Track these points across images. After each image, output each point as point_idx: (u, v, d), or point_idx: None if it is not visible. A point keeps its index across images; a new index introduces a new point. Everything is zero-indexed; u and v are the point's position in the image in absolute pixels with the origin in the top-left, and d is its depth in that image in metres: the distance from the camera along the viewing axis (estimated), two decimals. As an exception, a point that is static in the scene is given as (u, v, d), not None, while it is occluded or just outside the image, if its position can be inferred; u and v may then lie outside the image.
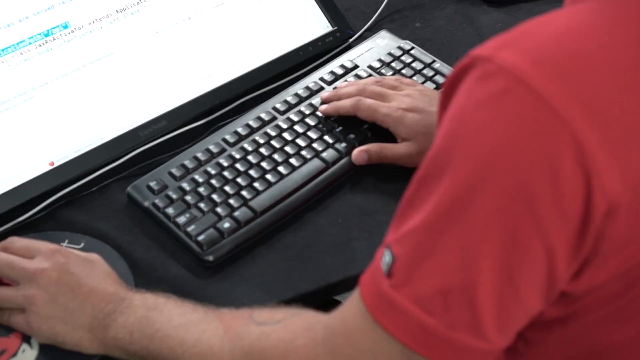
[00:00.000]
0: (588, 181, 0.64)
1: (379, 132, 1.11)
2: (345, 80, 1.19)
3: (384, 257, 0.72)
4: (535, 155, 0.64)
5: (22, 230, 1.03)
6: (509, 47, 0.68)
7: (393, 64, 1.22)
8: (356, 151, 1.08)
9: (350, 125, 1.12)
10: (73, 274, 0.88)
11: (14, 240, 0.94)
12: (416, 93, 1.10)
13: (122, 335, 0.86)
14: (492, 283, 0.67)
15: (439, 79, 1.20)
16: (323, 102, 1.14)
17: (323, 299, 1.13)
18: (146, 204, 1.03)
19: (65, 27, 1.14)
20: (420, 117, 1.06)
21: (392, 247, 0.71)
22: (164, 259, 1.00)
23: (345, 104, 1.11)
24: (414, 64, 1.22)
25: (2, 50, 1.09)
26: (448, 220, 0.68)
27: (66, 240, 1.01)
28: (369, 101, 1.09)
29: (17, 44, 1.10)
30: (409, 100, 1.09)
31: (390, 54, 1.24)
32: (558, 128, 0.64)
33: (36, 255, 0.91)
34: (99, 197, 1.08)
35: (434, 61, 1.23)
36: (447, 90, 0.72)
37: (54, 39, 1.13)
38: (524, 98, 0.65)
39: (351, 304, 0.75)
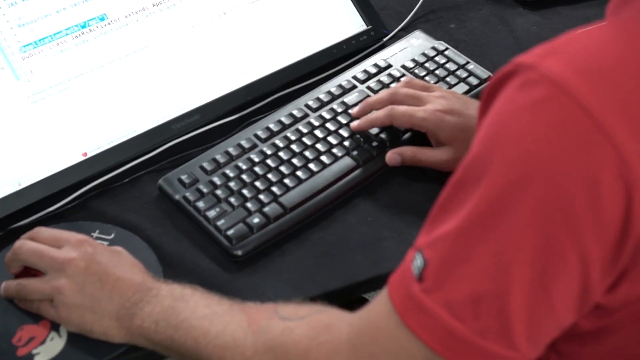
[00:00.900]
0: (629, 194, 0.64)
1: (410, 131, 1.11)
2: (379, 80, 1.18)
3: (415, 261, 0.71)
4: (576, 166, 0.64)
5: (54, 219, 1.04)
6: (553, 56, 0.67)
7: (427, 65, 1.22)
8: (390, 153, 1.07)
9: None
10: (100, 263, 0.89)
11: (41, 230, 0.95)
12: (449, 95, 1.09)
13: (147, 324, 0.87)
14: (524, 292, 0.66)
15: (473, 80, 1.19)
16: (354, 118, 1.12)
17: (350, 297, 1.14)
18: (177, 196, 1.04)
19: (102, 19, 1.14)
20: (459, 120, 1.04)
21: (424, 251, 0.71)
22: (193, 252, 1.00)
23: (378, 115, 1.08)
24: (447, 65, 1.21)
25: (40, 40, 1.10)
26: (483, 227, 0.67)
27: (97, 231, 1.02)
28: (403, 108, 1.07)
29: (54, 34, 1.11)
30: (444, 101, 1.06)
31: (424, 54, 1.23)
32: (600, 140, 0.63)
33: (64, 245, 0.91)
34: (130, 188, 1.08)
35: (467, 62, 1.22)
36: (488, 96, 0.72)
37: (90, 30, 1.14)
38: (566, 107, 0.64)
39: (379, 304, 0.75)
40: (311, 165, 1.06)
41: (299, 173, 1.05)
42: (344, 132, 1.11)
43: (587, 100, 0.64)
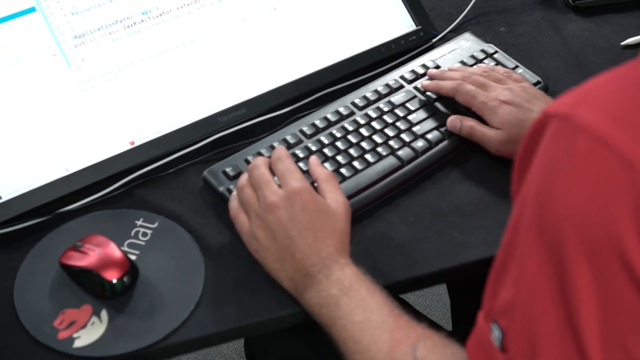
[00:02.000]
0: None
1: (455, 135, 1.11)
2: (437, 69, 1.19)
3: (493, 332, 0.71)
4: (629, 217, 0.61)
5: (99, 205, 1.05)
6: (586, 104, 0.64)
7: (475, 67, 1.21)
8: (452, 117, 1.11)
9: (428, 125, 1.12)
10: (300, 222, 0.92)
11: (281, 159, 0.98)
12: (518, 89, 1.10)
13: (313, 303, 0.91)
14: (601, 350, 0.64)
15: (522, 84, 1.18)
16: (429, 78, 1.18)
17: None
18: (221, 189, 1.05)
19: (154, 10, 1.16)
20: (515, 110, 1.07)
21: (499, 321, 0.70)
22: (235, 244, 1.01)
23: (446, 84, 1.13)
24: (496, 68, 1.21)
25: (92, 29, 1.12)
26: (547, 291, 0.66)
27: (141, 219, 1.03)
28: (469, 87, 1.11)
29: (107, 24, 1.13)
30: (508, 93, 1.09)
31: (473, 56, 1.23)
32: None
33: (284, 187, 0.95)
34: (175, 179, 1.09)
35: (517, 66, 1.21)
36: (526, 149, 0.70)
37: (142, 20, 1.15)
38: (608, 160, 0.61)
39: None
40: (355, 163, 1.07)
41: (343, 170, 1.06)
42: (389, 132, 1.11)
43: (628, 150, 0.61)
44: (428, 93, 1.15)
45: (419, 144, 1.09)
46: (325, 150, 1.08)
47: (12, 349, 0.90)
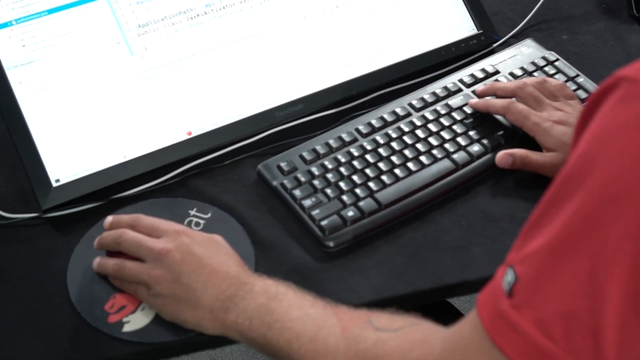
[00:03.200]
0: None
1: (513, 140, 1.10)
2: (485, 85, 1.18)
3: (506, 276, 0.70)
4: None
5: (155, 193, 1.06)
6: None
7: (535, 74, 1.20)
8: (501, 153, 1.07)
9: (484, 130, 1.11)
10: (196, 254, 0.90)
11: (141, 218, 0.95)
12: (569, 109, 1.09)
13: (242, 320, 0.87)
14: (619, 310, 0.65)
15: (581, 94, 1.17)
16: (477, 95, 1.16)
17: (436, 300, 1.14)
18: (275, 183, 1.05)
19: (217, 3, 1.17)
20: (568, 130, 1.05)
21: (516, 267, 0.69)
22: (286, 238, 1.02)
23: (496, 103, 1.12)
24: (557, 76, 1.20)
25: (156, 19, 1.13)
26: (577, 242, 0.66)
27: (194, 209, 1.04)
28: (521, 106, 1.09)
29: (171, 14, 1.14)
30: (560, 114, 1.08)
31: (533, 63, 1.22)
32: None
33: (162, 235, 0.92)
34: (230, 171, 1.10)
35: (577, 75, 1.20)
36: (587, 111, 0.70)
37: (205, 12, 1.16)
38: None
39: (470, 320, 0.74)
40: (410, 164, 1.07)
41: (397, 171, 1.06)
42: (445, 135, 1.10)
43: None
44: (486, 97, 1.15)
45: (475, 148, 1.09)
46: (380, 150, 1.08)
47: (63, 329, 0.92)
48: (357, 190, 1.03)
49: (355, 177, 1.05)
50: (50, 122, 1.06)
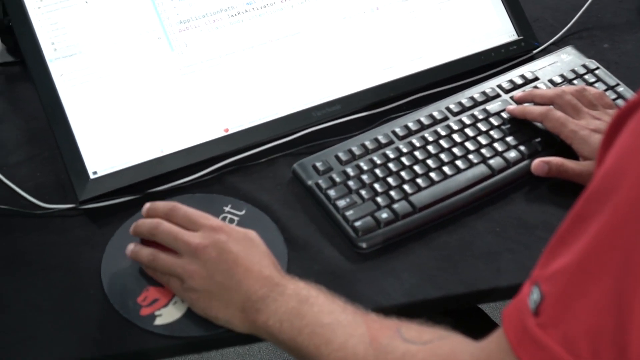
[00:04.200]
0: None
1: (550, 147, 1.10)
2: (523, 91, 1.17)
3: (532, 295, 0.69)
4: None
5: (190, 188, 1.07)
6: None
7: (575, 82, 1.20)
8: (537, 161, 1.06)
9: (522, 136, 1.11)
10: (232, 252, 0.90)
11: (178, 207, 0.95)
12: (608, 118, 1.08)
13: (272, 322, 0.87)
14: None
15: (621, 103, 1.16)
16: (515, 102, 1.15)
17: (467, 305, 1.14)
18: (309, 182, 1.06)
19: (259, 1, 1.17)
20: None
21: (541, 285, 0.69)
22: (319, 238, 1.02)
23: (534, 110, 1.11)
24: (596, 85, 1.19)
25: (197, 15, 1.14)
26: (602, 260, 0.65)
27: (229, 205, 1.05)
28: (559, 114, 1.08)
29: (212, 12, 1.15)
30: (598, 122, 1.07)
31: (573, 70, 1.21)
32: None
33: (198, 229, 0.92)
34: (265, 168, 1.11)
35: (617, 84, 1.19)
36: (614, 126, 0.68)
37: (246, 11, 1.17)
38: None
39: (496, 337, 0.73)
40: (445, 168, 1.06)
41: (432, 174, 1.05)
42: (482, 140, 1.10)
43: None
44: (524, 104, 1.14)
45: (512, 154, 1.08)
46: (416, 153, 1.08)
47: (95, 320, 0.92)
48: (392, 193, 1.03)
49: (390, 179, 1.05)
50: (89, 114, 1.07)
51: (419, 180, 1.05)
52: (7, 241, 1.01)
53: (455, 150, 1.09)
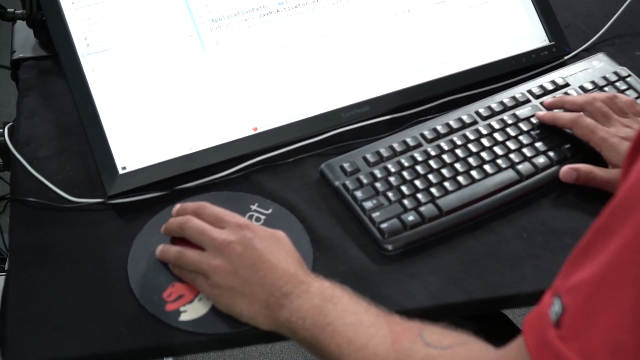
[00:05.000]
0: None
1: (579, 154, 1.09)
2: (553, 97, 1.17)
3: (553, 306, 0.69)
4: None
5: (218, 186, 1.08)
6: None
7: (606, 89, 1.19)
8: (566, 168, 1.06)
9: (551, 142, 1.10)
10: (257, 249, 0.90)
11: (206, 206, 0.97)
12: (638, 125, 1.07)
13: (295, 319, 0.87)
14: None
15: (652, 111, 1.16)
16: (545, 108, 1.15)
17: (492, 310, 1.13)
18: (337, 183, 1.06)
19: (290, 1, 1.17)
20: None
21: (563, 297, 0.68)
22: (344, 239, 1.02)
23: (564, 116, 1.10)
24: (627, 92, 1.18)
25: (230, 14, 1.14)
26: (624, 276, 0.64)
27: (256, 204, 1.05)
28: (589, 120, 1.08)
29: (244, 11, 1.15)
30: (629, 130, 1.06)
31: (604, 77, 1.21)
32: None
33: (225, 226, 0.93)
34: (293, 168, 1.11)
35: (648, 92, 1.19)
36: (639, 141, 0.69)
37: (277, 10, 1.17)
38: None
39: (516, 346, 0.73)
40: (473, 173, 1.06)
41: (459, 178, 1.05)
42: (511, 145, 1.10)
43: None
44: (554, 110, 1.14)
45: (540, 160, 1.08)
46: (444, 157, 1.08)
47: (121, 314, 0.93)
48: (419, 195, 1.03)
49: (417, 182, 1.05)
50: (120, 110, 1.08)
51: (446, 184, 1.05)
52: (36, 234, 1.02)
53: (484, 154, 1.08)
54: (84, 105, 1.07)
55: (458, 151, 1.09)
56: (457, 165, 1.07)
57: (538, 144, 1.10)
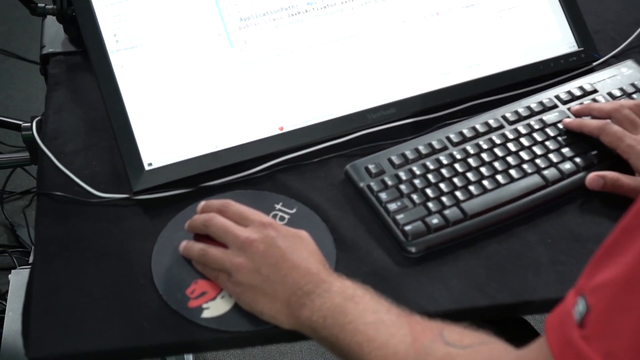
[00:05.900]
0: None
1: (606, 161, 1.08)
2: (581, 104, 1.16)
3: (577, 306, 0.68)
4: None
5: (242, 184, 1.08)
6: None
7: (634, 96, 1.18)
8: (592, 175, 1.06)
9: (577, 148, 1.10)
10: (280, 247, 0.91)
11: (230, 204, 0.97)
12: None
13: (316, 317, 0.87)
14: None
15: (680, 119, 1.15)
16: (572, 114, 1.14)
17: (514, 315, 1.13)
18: (361, 184, 1.06)
19: (319, 2, 1.18)
20: None
21: (587, 296, 0.68)
22: (368, 240, 1.02)
23: (591, 124, 1.10)
24: (656, 100, 1.18)
25: (258, 14, 1.15)
26: None
27: (280, 203, 1.05)
28: (616, 128, 1.07)
29: (273, 10, 1.16)
30: None
31: (633, 84, 1.20)
32: None
33: (249, 224, 0.94)
34: (318, 168, 1.11)
35: (677, 100, 1.18)
36: None
37: (306, 10, 1.17)
38: None
39: (538, 345, 0.73)
40: (498, 177, 1.06)
41: (485, 182, 1.05)
42: (537, 150, 1.09)
43: None
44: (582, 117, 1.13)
45: (567, 165, 1.07)
46: (470, 160, 1.08)
47: (143, 309, 0.94)
48: (444, 199, 1.03)
49: (442, 185, 1.05)
50: (147, 106, 1.09)
51: (471, 188, 1.04)
52: (61, 227, 1.02)
53: (510, 159, 1.08)
54: (112, 101, 1.08)
55: (484, 155, 1.08)
56: (483, 169, 1.07)
57: (564, 150, 1.09)
